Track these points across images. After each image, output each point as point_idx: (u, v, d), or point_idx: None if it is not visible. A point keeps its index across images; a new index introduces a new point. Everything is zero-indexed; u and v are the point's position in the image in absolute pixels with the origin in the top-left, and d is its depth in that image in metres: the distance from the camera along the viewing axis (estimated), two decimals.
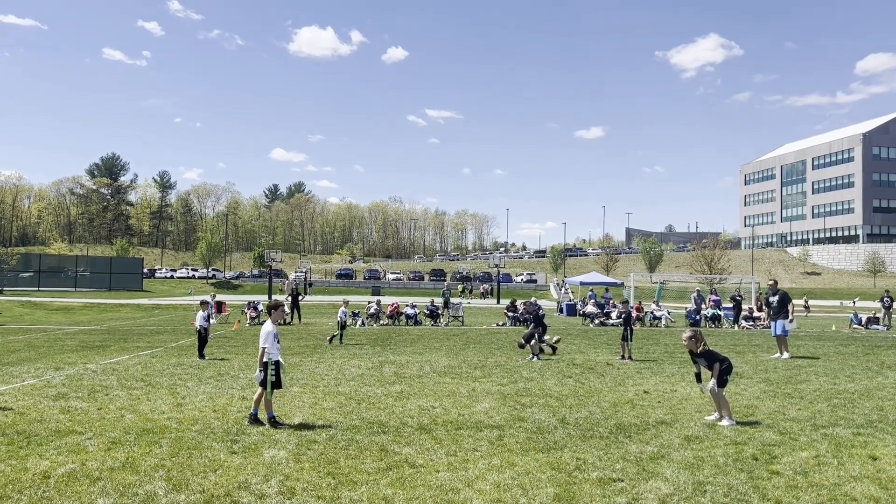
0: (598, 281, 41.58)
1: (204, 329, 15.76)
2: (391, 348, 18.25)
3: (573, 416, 9.12)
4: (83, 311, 40.44)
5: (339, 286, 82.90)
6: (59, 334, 22.90)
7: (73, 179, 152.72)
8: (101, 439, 7.55)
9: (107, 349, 17.70)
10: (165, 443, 7.42)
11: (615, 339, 21.29)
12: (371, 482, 6.06)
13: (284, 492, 5.79)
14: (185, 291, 67.57)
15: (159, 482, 6.01)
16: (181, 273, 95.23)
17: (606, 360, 15.71)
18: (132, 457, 6.83)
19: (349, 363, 14.85)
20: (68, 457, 6.83)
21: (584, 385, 11.95)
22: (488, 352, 17.59)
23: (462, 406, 9.80)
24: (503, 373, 13.49)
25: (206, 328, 15.82)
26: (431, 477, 6.23)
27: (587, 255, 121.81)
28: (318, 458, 6.88)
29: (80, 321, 31.46)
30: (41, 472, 6.27)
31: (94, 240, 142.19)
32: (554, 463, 6.75)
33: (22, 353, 16.57)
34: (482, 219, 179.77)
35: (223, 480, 6.07)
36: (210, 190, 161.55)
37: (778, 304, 16.97)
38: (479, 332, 24.35)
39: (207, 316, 16.05)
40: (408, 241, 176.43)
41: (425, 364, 14.83)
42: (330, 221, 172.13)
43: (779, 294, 17.18)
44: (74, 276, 67.52)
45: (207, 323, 15.93)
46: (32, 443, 7.37)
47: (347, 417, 8.91)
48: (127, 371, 13.37)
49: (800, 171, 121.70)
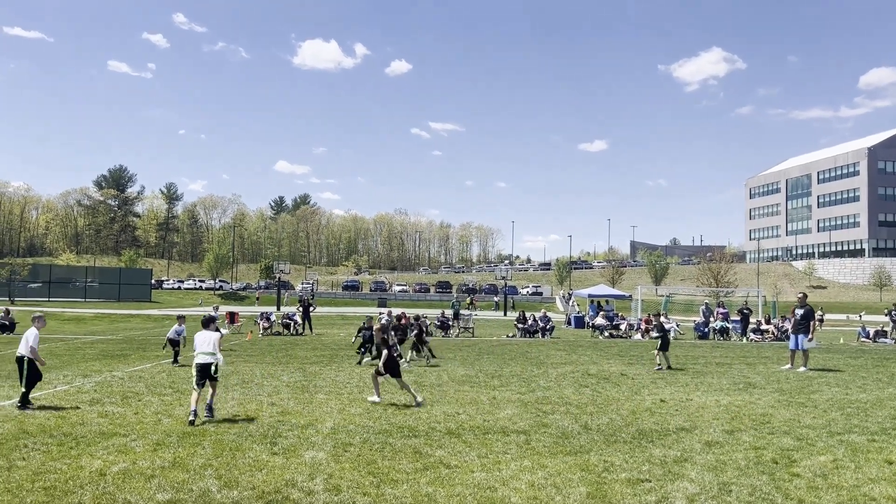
0: (605, 293, 41.83)
1: (175, 342, 16.90)
2: (408, 362, 18.52)
3: (595, 422, 9.42)
4: (94, 322, 40.80)
5: (346, 298, 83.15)
6: (78, 343, 23.24)
7: (80, 191, 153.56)
8: (146, 441, 7.87)
9: (127, 358, 18.02)
10: (207, 444, 7.74)
11: (626, 351, 21.58)
12: (411, 481, 6.37)
13: (330, 489, 6.11)
14: (196, 302, 67.95)
15: (210, 479, 6.33)
16: (188, 284, 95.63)
17: (620, 371, 15.99)
18: (179, 457, 7.15)
19: (368, 371, 15.14)
20: (118, 456, 7.15)
21: (601, 394, 12.24)
22: (502, 362, 17.87)
23: (486, 413, 10.10)
24: (520, 382, 13.78)
25: (177, 341, 16.96)
26: (468, 476, 6.54)
27: (592, 267, 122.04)
28: (356, 458, 7.20)
29: (93, 331, 31.80)
30: (97, 471, 6.59)
31: (101, 251, 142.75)
32: (582, 465, 7.05)
33: (46, 361, 16.88)
34: (487, 231, 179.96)
35: (270, 479, 6.39)
36: (216, 202, 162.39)
37: (801, 318, 17.05)
38: (490, 344, 24.63)
39: (181, 331, 17.13)
40: (413, 253, 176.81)
41: (442, 373, 15.13)
42: (335, 233, 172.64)
43: (804, 308, 17.17)
44: (84, 287, 67.91)
45: (179, 337, 17.03)
46: (81, 443, 7.70)
47: (377, 422, 9.22)
48: (153, 378, 13.71)
49: (805, 184, 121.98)
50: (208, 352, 9.63)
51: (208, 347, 9.66)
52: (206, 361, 9.55)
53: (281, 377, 14.10)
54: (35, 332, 10.48)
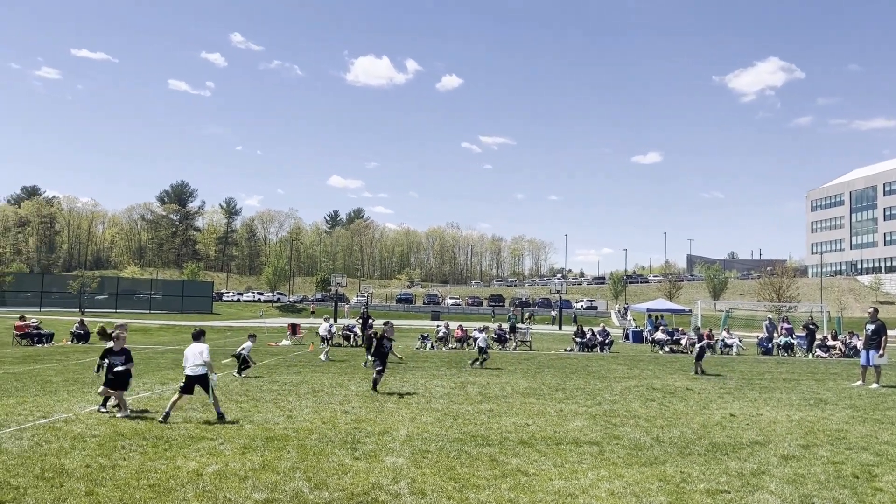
0: (664, 308, 41.29)
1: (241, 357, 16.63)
2: (466, 370, 18.74)
3: (666, 435, 9.45)
4: (160, 333, 42.18)
5: (399, 310, 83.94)
6: (150, 353, 24.16)
7: (144, 206, 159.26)
8: (233, 444, 8.26)
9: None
10: (291, 448, 8.08)
11: (689, 366, 21.34)
12: (492, 487, 6.56)
13: (415, 492, 6.34)
14: (256, 314, 69.53)
15: (301, 481, 6.64)
16: (247, 297, 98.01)
17: (685, 386, 15.87)
18: (267, 460, 7.49)
19: (431, 383, 15.41)
20: (210, 458, 7.53)
21: (668, 408, 12.21)
22: (564, 375, 17.90)
23: (555, 424, 10.22)
24: (585, 395, 13.83)
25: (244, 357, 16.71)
26: (547, 484, 6.69)
27: (648, 281, 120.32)
28: (436, 464, 7.43)
29: (160, 341, 32.93)
30: (193, 471, 6.97)
31: (163, 264, 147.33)
32: (659, 475, 7.13)
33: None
34: (539, 244, 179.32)
35: (357, 481, 6.67)
36: (273, 216, 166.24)
37: (872, 334, 16.60)
38: (548, 357, 24.63)
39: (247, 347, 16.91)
40: (465, 267, 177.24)
41: (506, 385, 15.27)
42: (388, 247, 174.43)
43: (875, 323, 16.63)
44: (149, 299, 70.27)
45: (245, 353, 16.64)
46: (174, 446, 8.12)
47: (449, 431, 9.44)
48: (227, 387, 14.22)
49: (870, 196, 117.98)
50: (199, 363, 10.11)
51: (198, 359, 10.12)
52: (196, 373, 10.11)
53: (349, 386, 14.47)
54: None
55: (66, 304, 59.73)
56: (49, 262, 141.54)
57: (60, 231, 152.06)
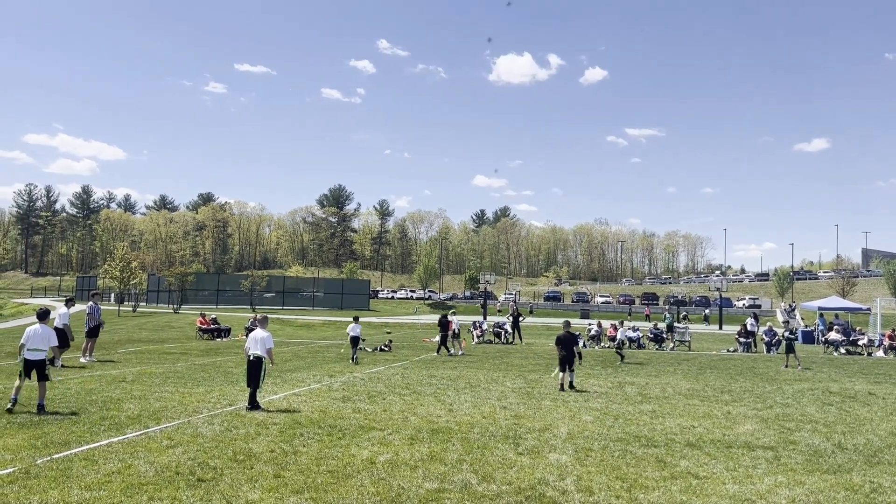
0: (839, 306, 38.14)
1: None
2: (623, 370, 18.34)
3: (849, 442, 8.78)
4: (323, 328, 44.70)
5: (547, 308, 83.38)
6: (315, 347, 25.68)
7: (306, 209, 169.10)
8: (400, 435, 8.63)
9: (361, 361, 19.58)
10: (456, 441, 8.32)
11: (869, 368, 19.70)
12: (662, 488, 6.42)
13: (582, 490, 6.34)
14: (411, 311, 71.79)
15: (468, 473, 6.84)
16: (400, 294, 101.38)
17: (867, 390, 14.63)
18: (434, 451, 7.77)
19: (586, 382, 15.23)
20: (380, 448, 7.93)
21: (849, 413, 11.33)
22: (729, 377, 17.06)
23: (723, 427, 9.79)
24: (753, 398, 13.12)
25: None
26: (720, 488, 6.45)
27: (818, 278, 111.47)
28: (600, 463, 7.37)
29: (324, 336, 34.90)
30: (367, 459, 7.37)
31: (323, 263, 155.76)
32: (845, 484, 6.66)
33: (293, 363, 18.87)
34: (695, 240, 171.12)
35: (523, 476, 6.77)
36: (423, 216, 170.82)
37: None
38: (709, 358, 23.55)
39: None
40: (614, 264, 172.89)
41: (666, 386, 14.81)
42: (534, 244, 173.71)
43: None
44: (311, 297, 74.55)
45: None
46: (347, 435, 8.62)
47: (610, 430, 9.32)
48: (390, 380, 14.84)
49: None
50: (258, 350, 10.73)
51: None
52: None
53: (504, 383, 14.64)
54: (270, 334, 11.13)
55: (239, 301, 64.60)
56: (223, 262, 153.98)
57: (232, 234, 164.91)
